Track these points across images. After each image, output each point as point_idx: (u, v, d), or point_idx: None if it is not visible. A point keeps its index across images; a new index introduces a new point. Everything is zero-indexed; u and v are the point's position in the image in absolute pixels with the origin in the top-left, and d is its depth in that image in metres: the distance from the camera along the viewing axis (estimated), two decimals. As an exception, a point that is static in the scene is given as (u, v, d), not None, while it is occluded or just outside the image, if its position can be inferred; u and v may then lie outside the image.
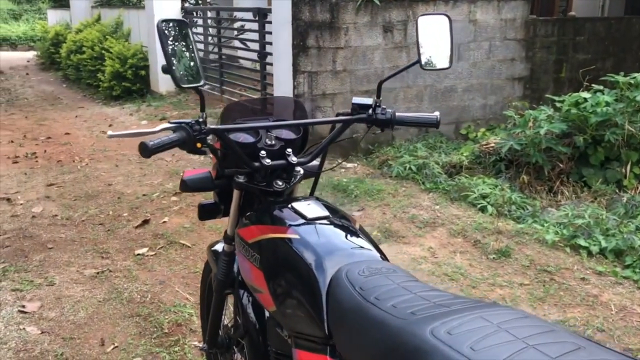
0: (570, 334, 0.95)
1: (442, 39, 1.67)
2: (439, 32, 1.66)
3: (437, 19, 1.67)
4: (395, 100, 6.09)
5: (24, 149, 6.25)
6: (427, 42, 1.68)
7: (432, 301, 1.12)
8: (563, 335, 0.94)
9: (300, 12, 5.53)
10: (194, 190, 1.73)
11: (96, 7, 11.87)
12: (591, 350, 0.89)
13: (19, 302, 3.01)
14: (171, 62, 1.38)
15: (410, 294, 1.16)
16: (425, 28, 1.66)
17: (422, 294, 1.15)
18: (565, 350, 0.89)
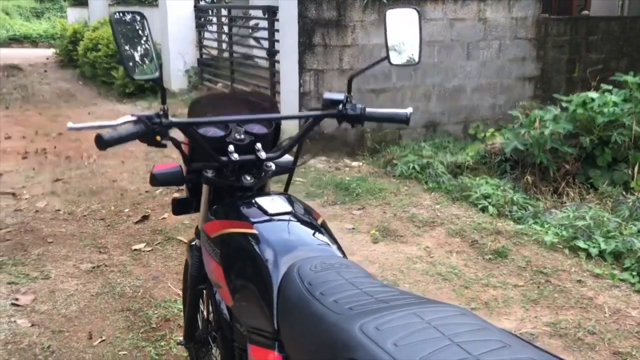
0: (503, 333, 0.94)
1: (411, 34, 1.65)
2: (409, 27, 1.64)
3: (406, 13, 1.65)
4: (403, 100, 6.06)
5: (34, 144, 6.33)
6: (397, 37, 1.66)
7: (374, 297, 1.10)
8: (494, 333, 0.93)
9: (307, 9, 5.52)
10: (163, 184, 1.73)
11: (113, 5, 12.00)
12: (516, 349, 0.88)
13: (12, 295, 3.05)
14: (124, 53, 1.38)
15: (355, 289, 1.14)
16: (395, 23, 1.64)
17: (368, 290, 1.14)
18: (490, 348, 0.87)
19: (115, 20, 1.39)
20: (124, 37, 1.41)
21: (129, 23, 1.44)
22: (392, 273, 3.34)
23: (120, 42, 1.37)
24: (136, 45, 1.45)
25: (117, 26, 1.39)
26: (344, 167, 5.47)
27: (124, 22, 1.43)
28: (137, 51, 1.45)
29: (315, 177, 5.06)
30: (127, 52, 1.41)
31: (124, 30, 1.42)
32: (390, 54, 1.71)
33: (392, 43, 1.68)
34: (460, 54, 6.18)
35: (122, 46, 1.38)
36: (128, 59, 1.40)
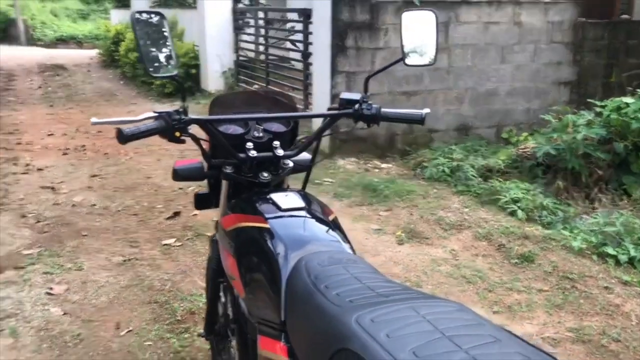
0: (496, 329, 0.96)
1: (428, 35, 1.67)
2: (425, 28, 1.67)
3: (423, 15, 1.67)
4: (435, 103, 6.05)
5: (75, 141, 6.53)
6: (412, 38, 1.69)
7: (376, 291, 1.14)
8: (487, 329, 0.95)
9: (340, 12, 5.57)
10: (185, 179, 1.80)
11: (154, 7, 12.27)
12: (506, 344, 0.90)
13: (47, 285, 3.17)
14: (144, 52, 1.45)
15: (359, 284, 1.18)
16: (411, 24, 1.67)
17: (371, 284, 1.17)
18: (480, 342, 0.90)
19: (135, 19, 1.46)
20: (144, 36, 1.48)
21: (149, 22, 1.51)
22: (415, 274, 3.35)
23: (140, 41, 1.44)
24: (156, 44, 1.51)
25: (138, 25, 1.45)
26: (373, 168, 5.49)
27: (144, 22, 1.49)
28: (157, 50, 1.51)
29: (344, 178, 5.09)
30: (147, 51, 1.47)
31: (145, 30, 1.48)
32: (406, 55, 1.73)
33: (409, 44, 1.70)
34: (494, 58, 6.14)
35: (142, 45, 1.45)
36: (148, 58, 1.47)
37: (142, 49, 1.45)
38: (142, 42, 1.45)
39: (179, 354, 2.57)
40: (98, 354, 2.56)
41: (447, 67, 6.01)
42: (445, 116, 6.13)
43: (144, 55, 1.45)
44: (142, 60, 1.45)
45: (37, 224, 4.06)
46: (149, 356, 2.56)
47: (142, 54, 1.46)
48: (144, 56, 1.46)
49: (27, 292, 3.09)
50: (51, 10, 22.14)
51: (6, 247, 3.67)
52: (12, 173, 5.27)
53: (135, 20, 1.46)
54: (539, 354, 0.87)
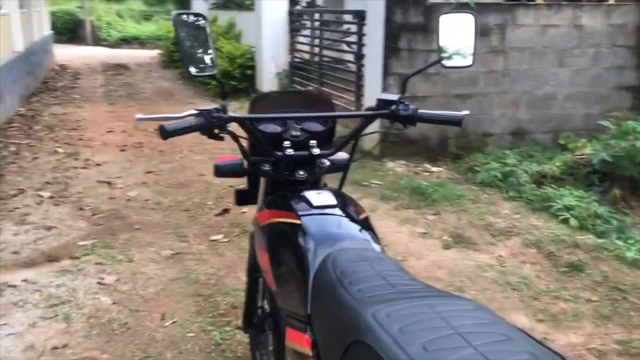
0: (511, 328, 0.95)
1: (466, 37, 1.66)
2: (464, 30, 1.66)
3: (462, 17, 1.67)
4: (489, 106, 5.95)
5: (133, 138, 6.76)
6: (451, 40, 1.68)
7: (397, 288, 1.15)
8: (500, 328, 0.95)
9: (394, 14, 5.56)
10: (225, 175, 1.85)
11: (213, 9, 12.54)
12: (517, 343, 0.89)
13: (99, 275, 3.30)
14: (184, 52, 1.50)
15: (382, 281, 1.19)
16: (449, 27, 1.66)
17: (394, 282, 1.18)
18: (491, 340, 0.90)
19: (177, 20, 1.51)
20: (185, 36, 1.53)
21: (191, 23, 1.56)
22: (459, 279, 3.31)
23: (181, 41, 1.50)
24: (196, 44, 1.56)
25: (179, 26, 1.51)
26: (423, 171, 5.45)
27: (185, 23, 1.55)
28: (197, 50, 1.56)
29: (392, 181, 5.07)
30: (187, 51, 1.53)
31: (186, 30, 1.54)
32: (444, 57, 1.73)
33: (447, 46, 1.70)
34: (552, 61, 5.98)
35: (183, 45, 1.50)
36: (188, 57, 1.52)
37: (183, 49, 1.51)
38: (183, 43, 1.50)
39: (220, 347, 2.64)
40: (143, 343, 2.65)
41: (502, 70, 5.90)
42: (500, 120, 6.02)
43: (184, 55, 1.51)
44: (182, 60, 1.51)
45: (93, 217, 4.22)
46: (191, 347, 2.63)
47: (182, 54, 1.51)
48: (184, 56, 1.51)
49: (81, 281, 3.22)
50: (116, 11, 22.96)
51: (63, 238, 3.84)
52: (73, 167, 5.50)
53: (177, 21, 1.52)
54: (548, 354, 0.86)
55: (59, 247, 3.68)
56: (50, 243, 3.74)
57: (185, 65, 1.53)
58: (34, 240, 3.76)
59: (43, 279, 3.24)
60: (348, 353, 0.98)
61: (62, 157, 5.86)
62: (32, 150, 6.14)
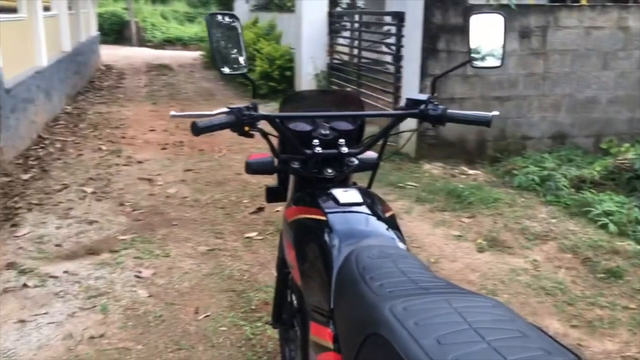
0: (528, 325, 0.96)
1: (495, 37, 1.66)
2: (493, 31, 1.66)
3: (491, 18, 1.66)
4: (529, 109, 5.87)
5: (174, 137, 6.90)
6: (480, 40, 1.68)
7: (418, 284, 1.16)
8: (517, 325, 0.95)
9: (433, 15, 5.54)
10: (256, 172, 1.89)
11: (254, 11, 12.69)
12: (532, 339, 0.90)
13: (137, 268, 3.40)
14: (216, 51, 1.55)
15: (403, 277, 1.21)
16: (478, 27, 1.66)
17: (415, 278, 1.20)
18: (505, 336, 0.90)
19: (210, 21, 1.56)
20: (217, 36, 1.58)
21: (223, 23, 1.60)
22: (492, 283, 3.29)
23: (214, 41, 1.54)
24: (228, 43, 1.61)
25: (212, 26, 1.55)
26: (459, 174, 5.41)
27: (218, 23, 1.59)
28: (229, 49, 1.61)
29: (428, 183, 5.05)
30: (219, 50, 1.57)
31: (218, 30, 1.58)
32: (473, 57, 1.73)
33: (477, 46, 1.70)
34: (596, 64, 5.86)
35: (215, 44, 1.55)
36: (220, 56, 1.57)
37: (215, 48, 1.55)
38: (215, 42, 1.55)
39: (250, 341, 2.68)
40: (176, 335, 2.72)
41: (543, 73, 5.81)
42: (540, 123, 5.93)
43: (216, 53, 1.55)
44: (215, 59, 1.55)
45: (133, 212, 4.34)
46: (222, 341, 2.68)
47: (215, 53, 1.56)
48: (216, 54, 1.56)
49: (119, 274, 3.32)
50: (161, 13, 23.45)
51: (104, 232, 3.96)
52: (115, 164, 5.65)
53: (210, 21, 1.57)
54: (563, 352, 0.87)
55: (99, 241, 3.80)
56: (92, 237, 3.87)
57: (217, 64, 1.57)
58: (76, 234, 3.89)
59: (83, 271, 3.35)
60: (365, 345, 1.01)
61: (105, 154, 6.03)
62: (77, 147, 6.34)
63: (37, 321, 2.81)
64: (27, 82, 6.30)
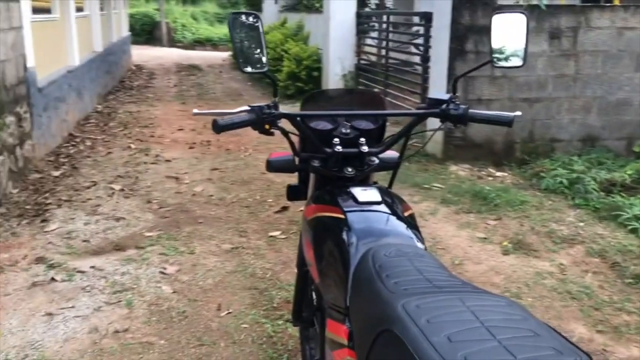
0: (541, 325, 0.95)
1: (517, 37, 1.64)
2: (515, 30, 1.64)
3: (513, 17, 1.65)
4: (559, 111, 5.79)
5: (201, 136, 6.97)
6: (502, 40, 1.67)
7: (433, 283, 1.16)
8: (530, 324, 0.95)
9: (461, 16, 5.50)
10: (277, 170, 1.90)
11: (283, 12, 12.75)
12: (544, 339, 0.89)
13: (162, 265, 3.44)
14: (238, 49, 1.56)
15: (419, 275, 1.20)
16: (500, 26, 1.65)
17: (431, 277, 1.19)
18: (517, 335, 0.90)
19: (232, 20, 1.58)
20: (240, 35, 1.59)
21: (245, 22, 1.62)
22: (516, 286, 3.25)
23: (236, 39, 1.56)
24: (250, 42, 1.62)
25: (234, 25, 1.57)
26: (486, 176, 5.36)
27: (240, 22, 1.61)
28: (251, 48, 1.62)
29: (454, 184, 5.01)
30: (241, 48, 1.59)
31: (241, 29, 1.60)
32: (495, 57, 1.71)
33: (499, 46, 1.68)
34: (628, 65, 5.75)
35: (237, 43, 1.56)
36: (241, 54, 1.59)
37: (237, 47, 1.57)
38: (237, 41, 1.57)
39: (272, 339, 2.70)
40: (198, 331, 2.75)
41: (573, 74, 5.72)
42: (569, 126, 5.84)
43: (238, 52, 1.57)
44: (236, 57, 1.57)
45: (160, 210, 4.40)
46: (244, 338, 2.70)
47: (236, 51, 1.57)
48: (238, 53, 1.57)
49: (144, 270, 3.37)
50: (191, 14, 23.71)
51: (131, 228, 4.02)
52: (144, 162, 5.74)
53: (232, 21, 1.58)
54: (574, 351, 0.85)
55: (126, 237, 3.86)
56: (118, 233, 3.93)
57: (239, 63, 1.59)
58: (104, 230, 3.96)
59: (109, 266, 3.41)
60: (377, 341, 1.01)
61: (134, 153, 6.12)
62: (106, 145, 6.45)
63: (64, 314, 2.87)
64: (59, 81, 6.43)
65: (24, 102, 5.06)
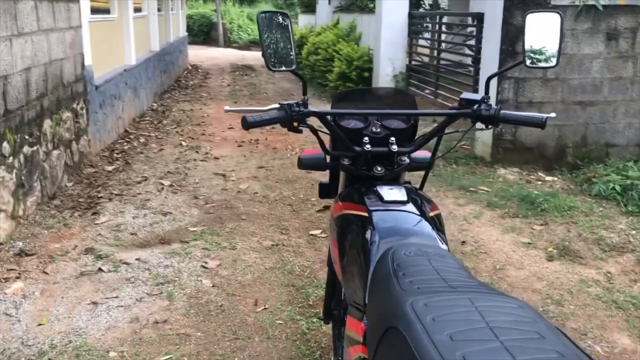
0: (549, 328, 0.93)
1: (551, 36, 1.61)
2: (549, 29, 1.60)
3: (548, 17, 1.61)
4: (614, 115, 5.60)
5: (250, 135, 7.08)
6: (536, 39, 1.63)
7: (448, 283, 1.15)
8: (538, 326, 0.93)
9: (512, 16, 5.39)
10: (308, 168, 1.92)
11: (336, 12, 12.78)
12: (550, 342, 0.88)
13: (204, 259, 3.52)
14: (265, 48, 1.59)
15: (435, 275, 1.20)
16: (535, 26, 1.62)
17: (447, 277, 1.19)
18: (522, 337, 0.88)
19: (261, 19, 1.60)
20: (268, 34, 1.62)
21: (274, 21, 1.64)
22: (558, 292, 3.17)
23: (264, 38, 1.59)
24: (278, 41, 1.65)
25: (262, 24, 1.60)
26: (536, 180, 5.23)
27: (269, 21, 1.63)
28: (279, 46, 1.65)
29: (501, 188, 4.92)
30: (268, 47, 1.62)
31: (269, 28, 1.63)
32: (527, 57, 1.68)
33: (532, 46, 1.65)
34: (690, 68, 5.50)
35: (265, 41, 1.59)
36: (268, 53, 1.61)
37: (266, 46, 1.60)
38: (265, 40, 1.60)
39: (305, 336, 2.72)
40: (234, 325, 2.80)
41: (631, 77, 5.52)
42: (625, 130, 5.64)
43: (264, 50, 1.60)
44: (263, 55, 1.60)
45: (205, 205, 4.50)
46: (278, 334, 2.74)
47: (264, 50, 1.60)
48: (265, 51, 1.60)
49: (187, 264, 3.46)
50: (248, 14, 24.05)
51: (177, 223, 4.13)
52: (193, 160, 5.87)
53: (261, 19, 1.61)
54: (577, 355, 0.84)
55: (171, 231, 3.97)
56: (165, 227, 4.04)
57: (267, 62, 1.62)
58: (151, 224, 4.08)
59: (154, 259, 3.51)
60: (384, 338, 1.01)
61: (185, 150, 6.28)
62: (159, 142, 6.64)
63: (107, 304, 2.98)
64: (115, 79, 6.66)
65: (80, 98, 5.27)
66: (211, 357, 2.55)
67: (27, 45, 4.04)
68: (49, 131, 4.44)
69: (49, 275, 3.27)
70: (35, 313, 2.87)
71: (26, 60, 4.03)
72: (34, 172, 4.11)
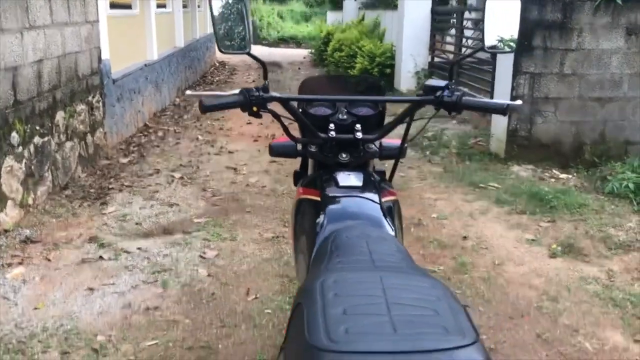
0: (453, 307, 0.92)
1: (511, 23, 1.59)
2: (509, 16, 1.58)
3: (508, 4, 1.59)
4: (634, 112, 5.46)
5: (267, 130, 7.11)
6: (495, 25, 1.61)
7: (375, 263, 1.15)
8: (440, 304, 0.92)
9: (528, 11, 5.29)
10: (279, 155, 1.93)
11: (362, 9, 12.76)
12: (443, 318, 0.87)
13: (203, 249, 3.57)
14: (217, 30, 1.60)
15: (367, 256, 1.20)
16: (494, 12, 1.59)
17: (377, 257, 1.18)
18: (415, 312, 0.89)
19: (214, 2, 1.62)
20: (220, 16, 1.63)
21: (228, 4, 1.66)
22: (556, 289, 3.11)
23: (215, 19, 1.60)
24: (232, 24, 1.66)
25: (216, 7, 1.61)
26: (549, 177, 5.13)
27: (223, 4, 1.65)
28: (232, 29, 1.66)
29: (512, 184, 4.85)
30: (220, 29, 1.63)
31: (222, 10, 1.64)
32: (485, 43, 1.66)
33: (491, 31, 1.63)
34: None
35: (217, 24, 1.60)
36: (220, 35, 1.63)
37: (216, 27, 1.61)
38: (216, 21, 1.61)
39: (292, 326, 2.73)
40: (223, 313, 2.83)
41: (652, 73, 5.38)
42: (646, 128, 5.49)
43: (216, 32, 1.61)
44: (216, 37, 1.62)
45: (212, 198, 4.55)
46: (265, 322, 2.76)
47: (215, 32, 1.62)
48: (216, 33, 1.61)
49: (185, 253, 3.51)
50: (278, 12, 24.19)
51: (182, 214, 4.18)
52: (207, 153, 5.94)
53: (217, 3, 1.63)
54: (462, 333, 0.83)
55: (176, 222, 4.02)
56: (170, 218, 4.10)
57: (218, 43, 1.63)
58: (156, 215, 4.15)
59: (154, 248, 3.57)
60: (292, 314, 1.02)
61: (201, 144, 6.35)
62: (176, 136, 6.73)
63: (103, 290, 3.05)
64: (135, 74, 6.77)
65: (96, 92, 5.38)
66: (196, 344, 2.59)
67: (39, 38, 4.15)
68: (62, 123, 4.55)
69: (51, 262, 3.35)
70: (32, 297, 2.95)
71: (38, 52, 4.14)
72: (45, 163, 4.21)
